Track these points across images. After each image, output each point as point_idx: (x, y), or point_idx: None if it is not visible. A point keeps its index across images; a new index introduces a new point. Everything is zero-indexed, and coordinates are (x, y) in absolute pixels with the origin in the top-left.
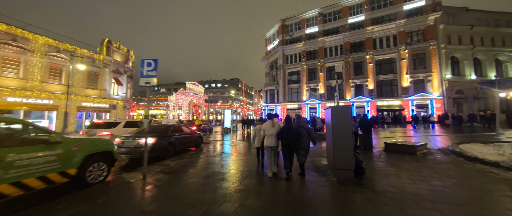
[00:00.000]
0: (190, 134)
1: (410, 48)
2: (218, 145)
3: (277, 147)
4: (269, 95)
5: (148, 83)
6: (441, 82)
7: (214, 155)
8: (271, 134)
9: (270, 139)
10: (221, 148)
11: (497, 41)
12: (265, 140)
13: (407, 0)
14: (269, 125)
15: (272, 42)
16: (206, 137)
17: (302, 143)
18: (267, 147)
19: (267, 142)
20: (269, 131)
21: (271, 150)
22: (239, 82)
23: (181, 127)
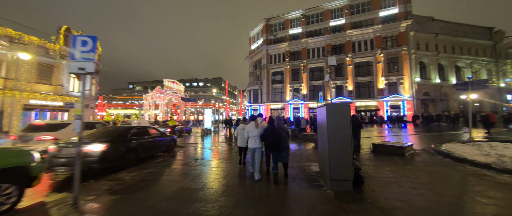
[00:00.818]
0: (159, 137)
1: (385, 52)
2: (194, 149)
3: (261, 149)
4: (252, 95)
5: (82, 69)
6: (412, 85)
7: (187, 163)
8: (254, 136)
9: (254, 141)
10: (198, 152)
11: (456, 49)
12: (249, 142)
13: (383, 7)
14: (252, 126)
15: (256, 41)
16: (182, 139)
17: (283, 144)
18: (250, 149)
19: (251, 144)
20: (253, 132)
21: (254, 151)
22: (222, 81)
23: (147, 129)
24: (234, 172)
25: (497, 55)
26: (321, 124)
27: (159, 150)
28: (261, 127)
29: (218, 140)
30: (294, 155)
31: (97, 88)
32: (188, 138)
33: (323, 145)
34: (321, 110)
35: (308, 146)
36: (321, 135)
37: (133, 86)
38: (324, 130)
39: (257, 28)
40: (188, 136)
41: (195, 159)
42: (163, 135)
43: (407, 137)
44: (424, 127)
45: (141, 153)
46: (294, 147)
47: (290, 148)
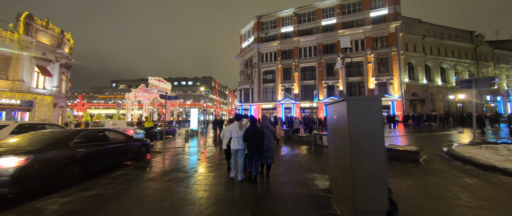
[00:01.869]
0: (122, 143)
1: (375, 53)
2: (173, 155)
3: (244, 150)
4: (243, 94)
5: None
6: (401, 85)
7: (157, 177)
8: (237, 137)
9: (237, 142)
10: (176, 161)
11: (441, 51)
12: (231, 143)
13: (373, 8)
14: (236, 127)
15: (247, 39)
16: (164, 143)
17: (267, 145)
18: (233, 151)
19: (234, 145)
20: (236, 133)
21: (237, 153)
22: (213, 80)
23: (105, 133)
24: (220, 190)
25: (477, 57)
26: (336, 127)
27: (123, 159)
28: (244, 128)
29: (205, 143)
30: (290, 162)
31: (68, 84)
32: (172, 141)
33: (339, 155)
34: (337, 107)
35: (303, 150)
36: (335, 141)
37: (117, 85)
38: (341, 135)
39: (248, 26)
40: (172, 139)
41: (170, 170)
42: (131, 140)
43: (404, 138)
44: (415, 127)
45: (91, 166)
46: (288, 151)
47: (284, 153)
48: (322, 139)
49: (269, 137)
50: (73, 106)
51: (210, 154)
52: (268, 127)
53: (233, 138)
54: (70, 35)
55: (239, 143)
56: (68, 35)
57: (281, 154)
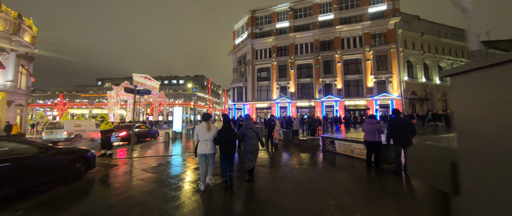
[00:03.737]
0: (29, 159)
1: (374, 50)
2: (132, 170)
3: (214, 155)
4: (236, 92)
5: None
6: (400, 84)
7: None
8: (206, 140)
9: (205, 145)
10: (131, 181)
11: (439, 49)
12: (198, 147)
13: (371, 3)
14: (203, 128)
15: (241, 35)
16: (142, 148)
17: (250, 147)
18: (201, 155)
19: (201, 149)
20: (204, 135)
21: (206, 158)
22: (205, 79)
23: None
24: None
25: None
26: None
27: (31, 183)
28: (215, 129)
29: (187, 149)
30: (298, 182)
31: (31, 79)
32: (149, 146)
33: None
34: None
35: (311, 161)
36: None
37: (102, 83)
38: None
39: (242, 21)
40: (151, 143)
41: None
42: (49, 153)
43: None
44: (422, 127)
45: None
46: (290, 161)
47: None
48: (335, 144)
49: (253, 138)
50: (53, 105)
51: (189, 169)
52: (252, 127)
53: (201, 141)
54: (32, 21)
55: (208, 147)
56: (29, 21)
57: (281, 166)
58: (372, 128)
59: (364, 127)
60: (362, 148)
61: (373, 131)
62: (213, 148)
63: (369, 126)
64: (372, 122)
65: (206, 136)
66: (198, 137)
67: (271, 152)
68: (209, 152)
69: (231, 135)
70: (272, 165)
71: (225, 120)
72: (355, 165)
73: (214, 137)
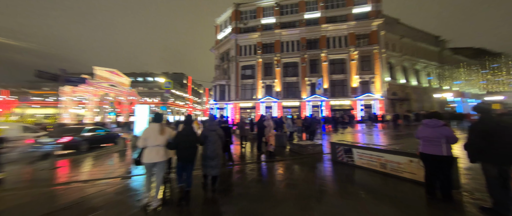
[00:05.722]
0: None
1: (359, 50)
2: None
3: (164, 165)
4: (218, 91)
5: None
6: (382, 84)
7: None
8: (157, 145)
9: (156, 152)
10: None
11: (415, 52)
12: (145, 154)
13: (356, 4)
14: (154, 131)
15: (224, 29)
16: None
17: (211, 151)
18: (147, 165)
19: (149, 157)
20: (155, 140)
21: (153, 168)
22: (184, 77)
23: None
24: None
25: (441, 60)
26: None
27: None
28: (169, 132)
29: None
30: None
31: None
32: (104, 157)
33: None
34: None
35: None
36: None
37: None
38: None
39: (225, 15)
40: (111, 149)
41: None
42: None
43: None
44: (406, 127)
45: None
46: (291, 178)
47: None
48: (353, 153)
49: (215, 142)
50: None
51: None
52: (216, 130)
53: (149, 148)
54: None
55: (159, 154)
56: None
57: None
58: (437, 133)
59: (422, 132)
60: (401, 162)
61: (437, 138)
62: (164, 155)
63: (431, 130)
64: (437, 125)
65: (157, 140)
66: (147, 142)
67: (263, 163)
68: (160, 160)
69: (192, 139)
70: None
71: (187, 122)
72: (400, 189)
73: (169, 142)
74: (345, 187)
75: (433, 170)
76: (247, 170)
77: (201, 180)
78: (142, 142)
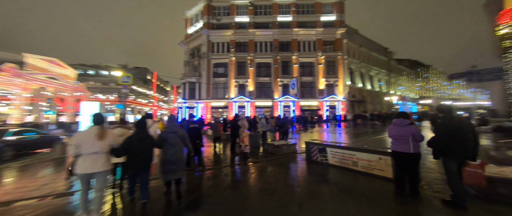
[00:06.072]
0: None
1: (325, 55)
2: None
3: (106, 176)
4: (188, 89)
5: None
6: (344, 87)
7: None
8: (94, 152)
9: (93, 161)
10: None
11: (369, 60)
12: (79, 163)
13: (324, 13)
14: (88, 135)
15: (195, 24)
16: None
17: (171, 155)
18: (83, 176)
19: (84, 167)
20: (92, 146)
21: (91, 180)
22: (149, 72)
23: None
24: None
25: (389, 69)
26: None
27: None
28: (112, 137)
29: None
30: None
31: None
32: (33, 168)
33: None
34: None
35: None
36: None
37: None
38: None
39: (196, 8)
40: (47, 157)
41: None
42: None
43: (384, 139)
44: (363, 126)
45: None
46: (270, 180)
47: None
48: (326, 152)
49: (175, 144)
50: None
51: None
52: (176, 132)
53: (85, 156)
54: None
55: (97, 163)
56: None
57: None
58: (404, 132)
59: (392, 131)
60: (371, 160)
61: (404, 137)
62: (107, 164)
63: (399, 129)
64: (404, 124)
65: (94, 146)
66: (80, 149)
67: (237, 166)
68: (99, 170)
69: (146, 144)
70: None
71: (139, 124)
72: (372, 186)
73: (115, 148)
74: (324, 189)
75: (402, 167)
76: (220, 175)
77: (163, 190)
78: (73, 149)
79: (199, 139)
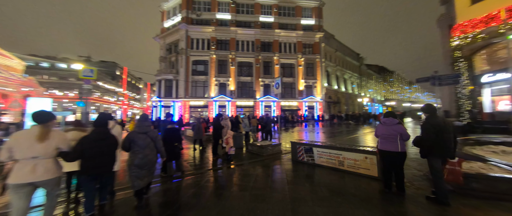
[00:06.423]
0: None
1: (305, 57)
2: None
3: (57, 184)
4: (164, 86)
5: None
6: (322, 89)
7: None
8: (34, 157)
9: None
10: None
11: (344, 64)
12: (13, 172)
13: (303, 16)
14: (26, 137)
15: (172, 17)
16: None
17: (141, 158)
18: (18, 188)
19: (17, 176)
20: (28, 150)
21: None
22: (118, 68)
23: None
24: None
25: (360, 73)
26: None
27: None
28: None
29: None
30: None
31: None
32: None
33: None
34: None
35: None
36: None
37: None
38: None
39: (174, 1)
40: None
41: None
42: None
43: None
44: (339, 125)
45: None
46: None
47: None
48: (313, 153)
49: (146, 146)
50: None
51: None
52: (148, 132)
53: (21, 162)
54: None
55: (37, 171)
56: None
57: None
58: (393, 131)
59: (381, 130)
60: (357, 159)
61: (393, 136)
62: (53, 171)
63: (387, 128)
64: (392, 123)
65: (33, 150)
66: (14, 153)
67: (220, 170)
68: (40, 179)
69: (106, 145)
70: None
71: (98, 122)
72: (362, 186)
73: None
74: (316, 192)
75: (390, 166)
76: (202, 181)
77: (133, 204)
78: (4, 153)
79: (177, 142)
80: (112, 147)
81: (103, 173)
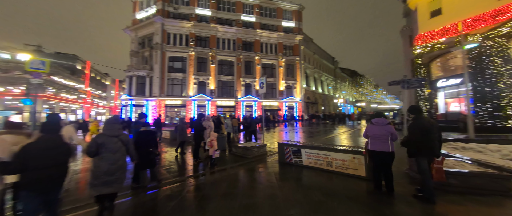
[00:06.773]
0: None
1: (285, 59)
2: None
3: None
4: (136, 83)
5: None
6: (301, 90)
7: None
8: None
9: None
10: None
11: (321, 67)
12: None
13: (284, 18)
14: None
15: (146, 8)
16: None
17: (111, 163)
18: None
19: None
20: None
21: None
22: (79, 61)
23: None
24: None
25: (335, 76)
26: None
27: None
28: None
29: None
30: None
31: None
32: None
33: None
34: None
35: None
36: None
37: None
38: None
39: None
40: None
41: None
42: None
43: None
44: (317, 125)
45: None
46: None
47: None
48: (301, 154)
49: (117, 151)
50: None
51: None
52: (119, 135)
53: None
54: None
55: None
56: None
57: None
58: (384, 131)
59: (371, 130)
60: (345, 159)
61: (385, 136)
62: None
63: (378, 128)
64: (384, 123)
65: None
66: None
67: (203, 177)
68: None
69: (57, 153)
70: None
71: (47, 127)
72: (352, 187)
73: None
74: (309, 195)
75: (380, 166)
76: (183, 191)
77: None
78: None
79: (153, 146)
80: (66, 156)
81: (51, 190)
